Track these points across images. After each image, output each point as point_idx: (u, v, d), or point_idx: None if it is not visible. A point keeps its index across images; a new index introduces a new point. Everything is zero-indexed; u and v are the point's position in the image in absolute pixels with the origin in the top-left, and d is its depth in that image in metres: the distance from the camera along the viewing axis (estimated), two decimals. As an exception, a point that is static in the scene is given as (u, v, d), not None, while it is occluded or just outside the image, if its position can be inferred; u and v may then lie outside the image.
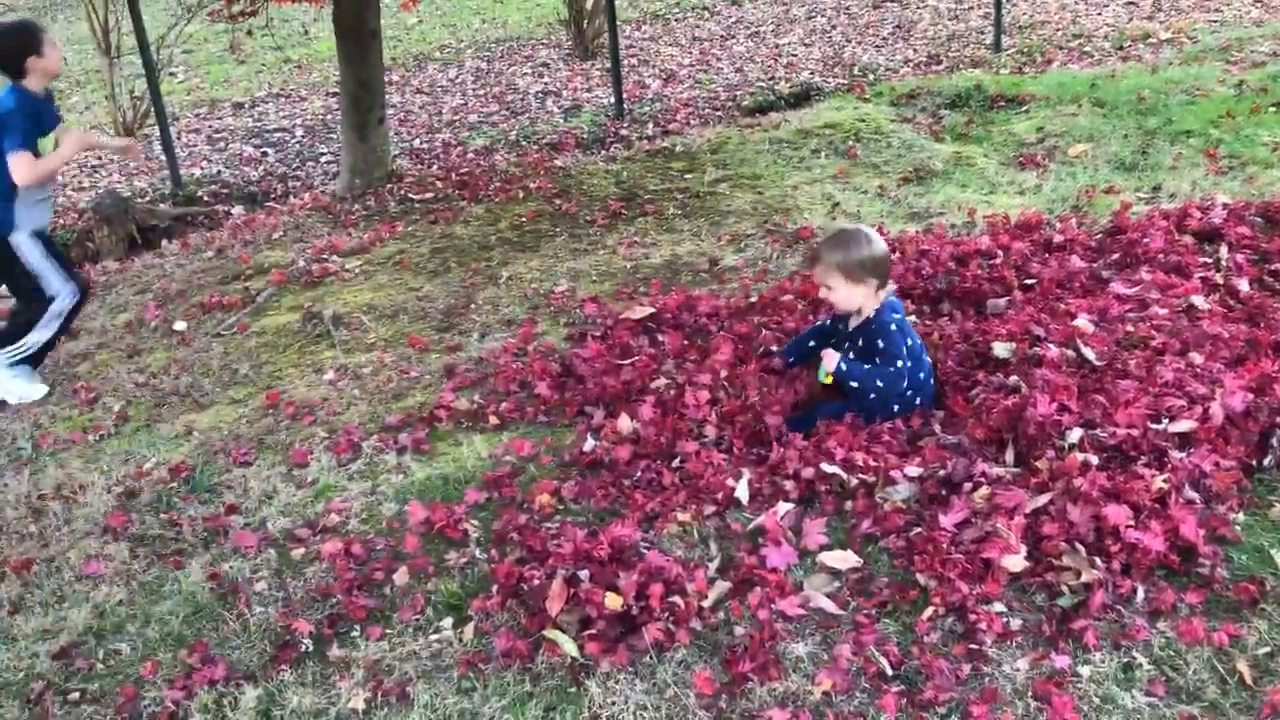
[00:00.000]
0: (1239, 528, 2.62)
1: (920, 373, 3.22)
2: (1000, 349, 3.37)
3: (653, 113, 8.84)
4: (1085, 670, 2.25)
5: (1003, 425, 2.96)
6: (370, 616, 2.64)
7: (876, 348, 3.16)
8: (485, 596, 2.61)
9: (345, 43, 6.68)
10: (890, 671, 2.29)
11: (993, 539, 2.55)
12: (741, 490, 2.89)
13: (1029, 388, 3.07)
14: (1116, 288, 3.79)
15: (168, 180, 7.85)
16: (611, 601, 2.44)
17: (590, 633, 2.42)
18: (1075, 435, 2.83)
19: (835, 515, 2.81)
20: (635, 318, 4.05)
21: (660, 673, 2.34)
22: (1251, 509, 2.70)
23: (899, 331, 3.17)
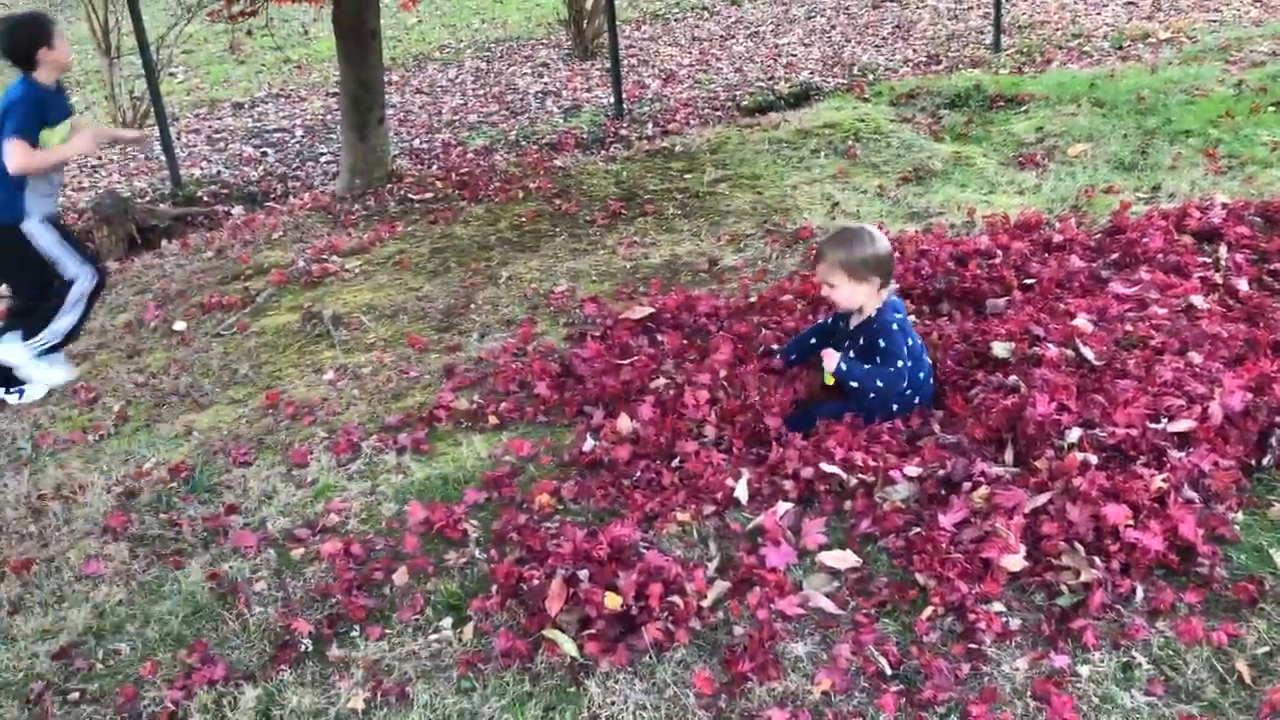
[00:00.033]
0: (1238, 527, 2.62)
1: (920, 372, 3.22)
2: (999, 349, 3.37)
3: (652, 113, 8.84)
4: (1084, 670, 2.25)
5: (1002, 425, 2.97)
6: (370, 616, 2.64)
7: (877, 347, 3.17)
8: (485, 596, 2.61)
9: (345, 43, 6.68)
10: (889, 671, 2.29)
11: (992, 539, 2.55)
12: (741, 490, 2.89)
13: (1028, 387, 3.07)
14: (1116, 287, 3.80)
15: (167, 180, 7.85)
16: (611, 601, 2.44)
17: (590, 632, 2.42)
18: (1074, 435, 2.84)
19: (834, 515, 2.81)
20: (635, 318, 4.05)
21: (660, 672, 2.34)
22: (1250, 508, 2.70)
23: (900, 331, 3.17)
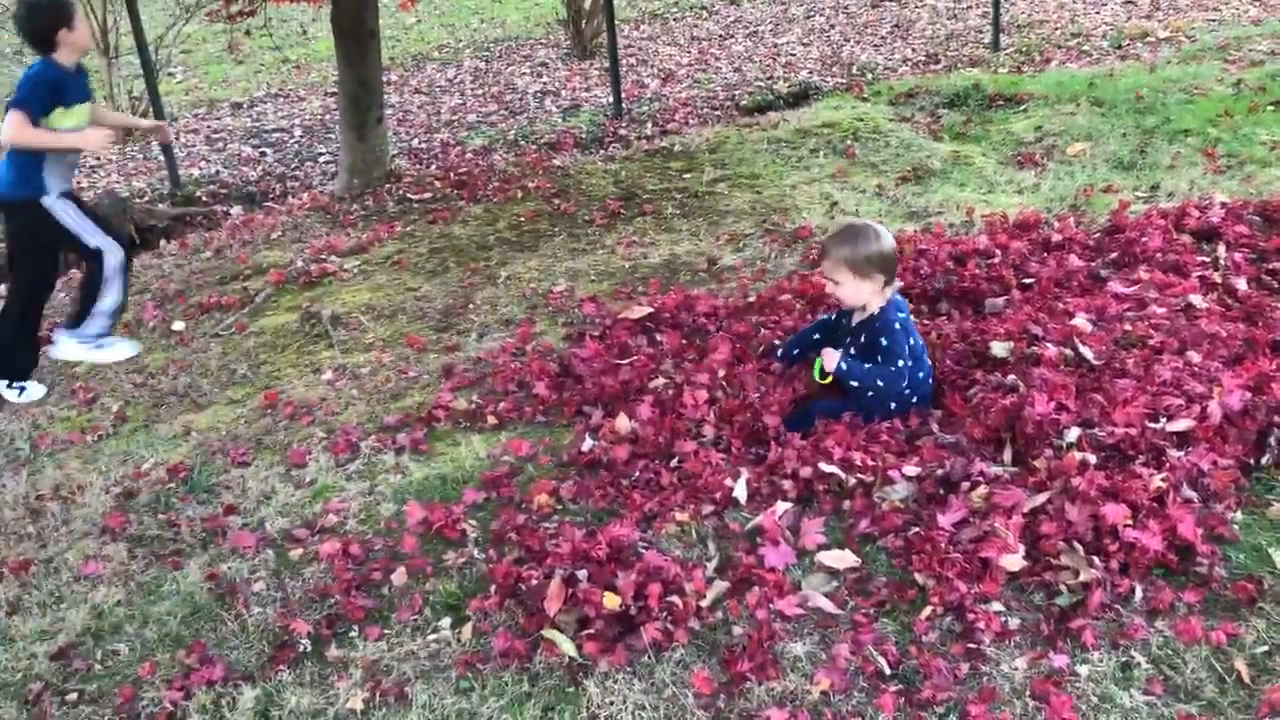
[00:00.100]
0: (1237, 527, 2.62)
1: (920, 373, 3.22)
2: (998, 348, 3.37)
3: (651, 112, 8.84)
4: (1083, 669, 2.25)
5: (1001, 424, 2.96)
6: (368, 617, 2.63)
7: (879, 345, 3.16)
8: (483, 596, 2.61)
9: (344, 43, 6.68)
10: (888, 671, 2.29)
11: (991, 538, 2.55)
12: (740, 490, 2.89)
13: (1027, 387, 3.07)
14: (1114, 287, 3.80)
15: (166, 180, 7.85)
16: (610, 601, 2.44)
17: (588, 632, 2.42)
18: (1073, 434, 2.84)
19: (833, 515, 2.81)
20: (633, 317, 4.05)
21: (658, 672, 2.34)
22: (1249, 508, 2.70)
23: (902, 330, 3.17)
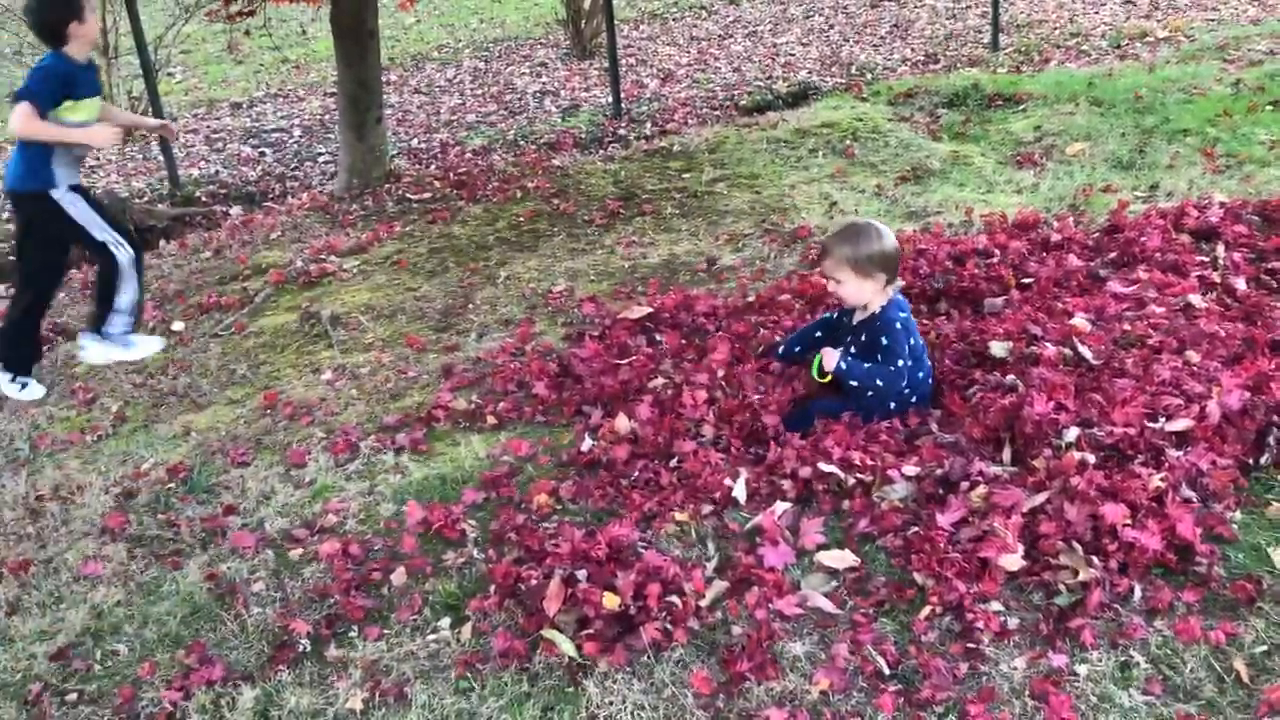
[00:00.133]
0: (1236, 526, 2.62)
1: (920, 373, 3.22)
2: (997, 348, 3.37)
3: (650, 112, 8.84)
4: (1082, 669, 2.25)
5: (1000, 424, 2.97)
6: (368, 617, 2.64)
7: (879, 344, 3.16)
8: (483, 596, 2.61)
9: (343, 43, 6.68)
10: (887, 671, 2.29)
11: (990, 538, 2.55)
12: (739, 490, 2.89)
13: (1026, 387, 3.07)
14: (1113, 286, 3.80)
15: (165, 180, 7.85)
16: (609, 601, 2.44)
17: (588, 632, 2.42)
18: (1072, 434, 2.84)
19: (833, 514, 2.82)
20: (633, 317, 4.05)
21: (658, 672, 2.34)
22: (1248, 507, 2.71)
23: (903, 330, 3.17)
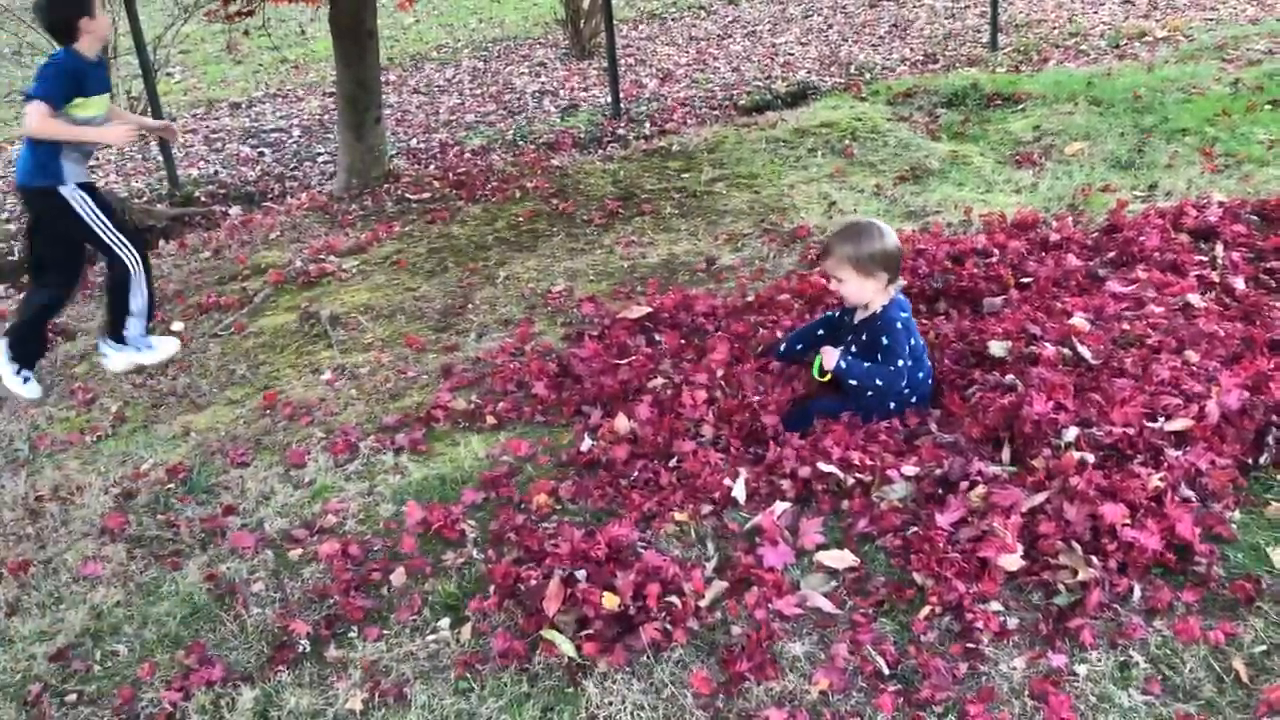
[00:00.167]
0: (1235, 526, 2.62)
1: (920, 373, 3.22)
2: (996, 348, 3.37)
3: (650, 112, 8.84)
4: (1082, 669, 2.25)
5: (999, 424, 2.97)
6: (367, 617, 2.64)
7: (879, 344, 3.16)
8: (482, 597, 2.61)
9: (342, 43, 6.68)
10: (887, 671, 2.29)
11: (989, 538, 2.55)
12: (738, 490, 2.89)
13: (1025, 386, 3.07)
14: (1112, 286, 3.80)
15: (165, 180, 7.84)
16: (609, 601, 2.44)
17: (587, 633, 2.42)
18: (1071, 434, 2.84)
19: (832, 514, 2.82)
20: (632, 317, 4.05)
21: (657, 673, 2.34)
22: (1247, 507, 2.71)
23: (904, 330, 3.17)
